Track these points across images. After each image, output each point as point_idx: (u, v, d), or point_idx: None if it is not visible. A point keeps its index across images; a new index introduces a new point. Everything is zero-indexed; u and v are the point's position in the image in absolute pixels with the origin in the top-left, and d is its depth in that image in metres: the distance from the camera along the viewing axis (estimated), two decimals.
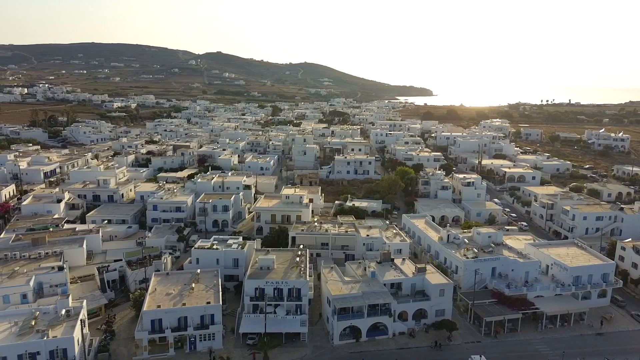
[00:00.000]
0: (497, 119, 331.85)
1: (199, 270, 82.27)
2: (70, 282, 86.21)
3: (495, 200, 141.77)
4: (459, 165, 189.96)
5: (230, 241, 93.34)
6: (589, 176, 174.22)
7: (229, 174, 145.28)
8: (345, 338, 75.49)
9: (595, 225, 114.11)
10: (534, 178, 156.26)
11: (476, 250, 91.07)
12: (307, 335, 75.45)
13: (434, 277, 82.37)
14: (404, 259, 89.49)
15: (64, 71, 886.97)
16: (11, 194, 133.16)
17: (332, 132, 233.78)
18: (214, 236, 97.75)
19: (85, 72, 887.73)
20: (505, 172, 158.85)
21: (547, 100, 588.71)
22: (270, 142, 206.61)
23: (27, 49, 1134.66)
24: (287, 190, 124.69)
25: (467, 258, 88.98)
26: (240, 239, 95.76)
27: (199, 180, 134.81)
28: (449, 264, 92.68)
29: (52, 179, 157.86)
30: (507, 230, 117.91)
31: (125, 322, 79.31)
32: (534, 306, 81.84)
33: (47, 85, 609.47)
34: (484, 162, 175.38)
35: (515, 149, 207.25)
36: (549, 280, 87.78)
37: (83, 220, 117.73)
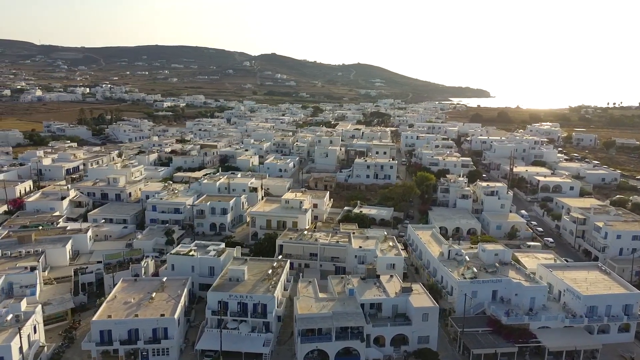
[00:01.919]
0: (548, 123, 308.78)
1: (164, 278, 77.95)
2: (46, 283, 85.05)
3: (522, 212, 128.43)
4: (492, 172, 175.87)
5: (210, 248, 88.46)
6: (639, 188, 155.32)
7: (239, 175, 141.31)
8: None
9: (632, 246, 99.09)
10: (572, 188, 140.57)
11: (475, 270, 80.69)
12: (269, 356, 68.95)
13: (419, 298, 73.24)
14: (391, 276, 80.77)
15: (128, 72, 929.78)
16: (27, 190, 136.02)
17: (363, 133, 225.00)
18: (195, 241, 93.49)
19: (147, 73, 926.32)
20: (539, 181, 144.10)
21: (614, 103, 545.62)
22: (295, 144, 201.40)
23: (97, 51, 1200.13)
24: (287, 194, 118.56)
25: (464, 278, 78.98)
26: (222, 245, 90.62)
27: (204, 181, 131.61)
28: (445, 283, 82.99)
29: (74, 176, 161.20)
30: (529, 246, 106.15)
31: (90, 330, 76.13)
32: (536, 339, 70.75)
33: (109, 85, 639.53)
34: (518, 169, 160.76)
35: (559, 155, 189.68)
36: (559, 309, 76.12)
37: (86, 219, 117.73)
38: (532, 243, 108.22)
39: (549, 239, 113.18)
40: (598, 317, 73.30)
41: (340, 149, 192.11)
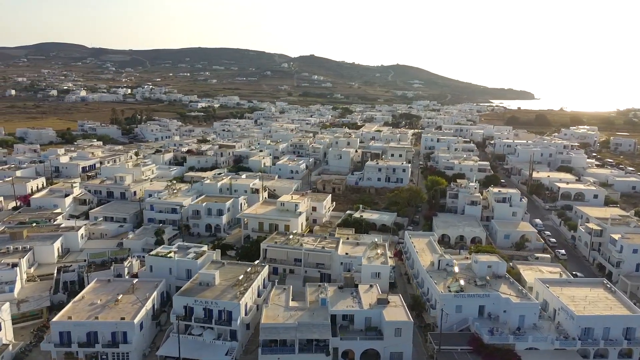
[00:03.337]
0: (586, 126, 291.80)
1: (135, 280, 76.51)
2: (29, 280, 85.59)
3: (537, 221, 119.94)
4: (512, 177, 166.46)
5: (191, 249, 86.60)
6: None
7: (243, 175, 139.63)
8: None
9: None
10: (596, 197, 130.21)
11: (462, 283, 74.87)
12: None
13: (394, 311, 68.40)
14: (371, 286, 76.26)
15: (171, 74, 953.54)
16: (38, 186, 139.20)
17: (382, 135, 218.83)
18: (178, 243, 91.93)
19: (188, 74, 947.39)
20: (559, 187, 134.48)
21: None
22: (311, 145, 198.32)
23: (143, 54, 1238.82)
24: (284, 197, 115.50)
25: (450, 291, 73.43)
26: (204, 247, 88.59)
27: (207, 181, 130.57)
28: (430, 295, 77.58)
29: (89, 174, 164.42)
30: (536, 258, 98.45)
31: None
32: None
33: (151, 86, 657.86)
34: (540, 174, 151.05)
35: (589, 160, 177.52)
36: (552, 329, 69.31)
37: (88, 217, 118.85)
38: (540, 255, 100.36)
39: (560, 250, 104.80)
40: (594, 341, 66.14)
41: (357, 151, 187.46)
